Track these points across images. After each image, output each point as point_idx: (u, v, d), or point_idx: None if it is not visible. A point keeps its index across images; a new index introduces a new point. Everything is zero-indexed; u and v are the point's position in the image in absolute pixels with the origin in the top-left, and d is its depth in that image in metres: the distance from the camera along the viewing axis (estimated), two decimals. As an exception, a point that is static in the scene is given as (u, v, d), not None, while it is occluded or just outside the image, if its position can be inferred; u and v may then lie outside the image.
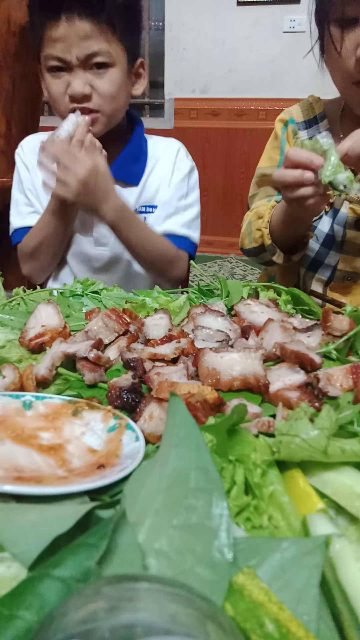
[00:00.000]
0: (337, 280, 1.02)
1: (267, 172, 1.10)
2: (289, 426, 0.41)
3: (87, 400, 0.53)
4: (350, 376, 0.55)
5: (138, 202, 1.13)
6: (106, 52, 0.96)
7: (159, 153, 1.16)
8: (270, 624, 0.27)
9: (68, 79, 0.97)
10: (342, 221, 0.99)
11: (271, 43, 3.37)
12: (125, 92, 1.04)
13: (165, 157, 1.16)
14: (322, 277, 1.03)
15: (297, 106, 1.10)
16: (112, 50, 0.97)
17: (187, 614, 0.23)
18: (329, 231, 1.01)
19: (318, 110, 1.06)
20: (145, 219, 1.13)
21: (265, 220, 0.98)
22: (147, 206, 1.14)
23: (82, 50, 0.94)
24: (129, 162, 1.12)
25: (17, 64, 1.62)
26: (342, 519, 0.38)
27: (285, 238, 0.97)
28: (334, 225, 1.00)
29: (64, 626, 0.22)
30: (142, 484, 0.37)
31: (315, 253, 1.03)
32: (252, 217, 1.05)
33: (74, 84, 0.96)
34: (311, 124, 1.07)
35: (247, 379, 0.54)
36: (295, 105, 1.10)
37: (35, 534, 0.33)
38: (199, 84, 3.57)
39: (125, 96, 1.05)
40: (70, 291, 0.88)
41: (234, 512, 0.37)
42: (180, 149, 1.18)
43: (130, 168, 1.12)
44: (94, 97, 0.98)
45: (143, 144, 1.15)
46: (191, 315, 0.72)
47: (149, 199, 1.14)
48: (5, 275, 0.92)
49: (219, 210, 3.77)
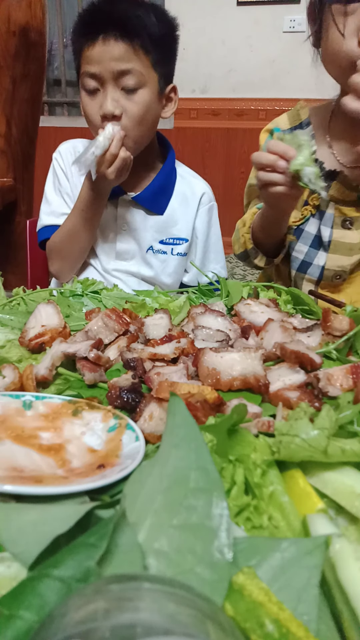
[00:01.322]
0: (326, 279, 1.03)
1: (252, 183, 1.15)
2: (289, 426, 0.41)
3: (87, 400, 0.53)
4: (350, 376, 0.55)
5: (161, 231, 1.17)
6: (138, 72, 0.99)
7: (186, 190, 1.20)
8: (270, 624, 0.27)
9: (99, 100, 1.01)
10: (329, 222, 1.01)
11: (271, 43, 3.36)
12: (154, 115, 1.07)
13: (191, 195, 1.20)
14: (312, 277, 1.05)
15: (285, 115, 1.12)
16: (144, 72, 1.00)
17: (187, 613, 0.23)
18: (317, 232, 1.03)
19: (304, 117, 1.08)
20: (173, 250, 1.18)
21: (247, 226, 1.04)
22: (175, 238, 1.18)
23: (114, 67, 0.97)
24: (158, 193, 1.15)
25: (17, 64, 1.62)
26: (342, 519, 0.38)
27: (266, 240, 1.03)
28: (321, 226, 1.02)
29: (64, 626, 0.22)
30: (142, 484, 0.37)
31: (304, 255, 1.05)
32: (239, 225, 1.10)
33: (106, 102, 0.99)
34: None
35: (247, 379, 0.54)
36: (284, 114, 1.13)
37: (35, 534, 0.32)
38: (199, 84, 3.57)
39: (153, 120, 1.08)
40: (70, 291, 0.88)
41: (234, 512, 0.37)
42: (206, 193, 1.23)
43: (158, 198, 1.16)
44: (123, 119, 1.01)
45: (173, 174, 1.19)
46: (191, 315, 0.72)
47: (172, 231, 1.18)
48: (5, 275, 0.92)
49: (219, 210, 3.75)
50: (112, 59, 0.97)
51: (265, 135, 1.14)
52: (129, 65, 0.98)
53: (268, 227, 1.00)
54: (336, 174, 0.99)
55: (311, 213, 1.03)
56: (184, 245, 1.19)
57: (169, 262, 1.18)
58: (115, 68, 0.97)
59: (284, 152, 0.81)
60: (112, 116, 0.99)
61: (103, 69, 0.98)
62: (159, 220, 1.16)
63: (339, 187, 0.98)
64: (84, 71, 1.00)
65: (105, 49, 0.97)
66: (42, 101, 1.89)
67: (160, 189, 1.15)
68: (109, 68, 0.97)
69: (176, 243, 1.18)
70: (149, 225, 1.15)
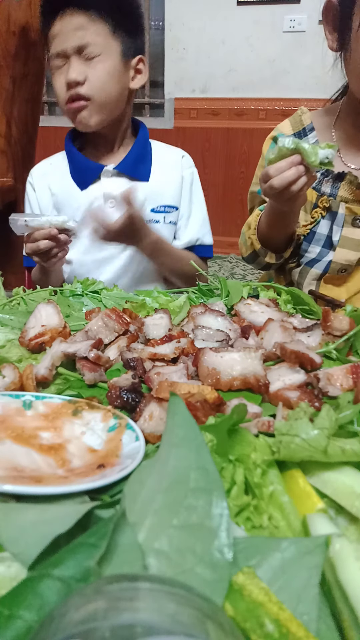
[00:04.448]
0: (331, 272, 1.04)
1: (254, 190, 1.18)
2: (289, 426, 0.41)
3: (87, 400, 0.53)
4: (350, 376, 0.55)
5: (151, 200, 1.17)
6: (99, 44, 1.03)
7: (164, 156, 1.22)
8: (270, 624, 0.27)
9: (64, 73, 1.04)
10: (340, 221, 1.02)
11: (271, 43, 3.36)
12: (119, 84, 1.09)
13: (171, 161, 1.22)
14: (318, 270, 1.06)
15: (288, 120, 1.13)
16: (104, 42, 1.04)
17: (187, 613, 0.23)
18: (328, 233, 1.04)
19: (306, 122, 1.09)
20: (165, 219, 1.19)
21: (252, 228, 1.06)
22: (166, 206, 1.19)
23: (75, 40, 1.02)
24: (138, 160, 1.17)
25: (17, 64, 1.62)
26: (342, 519, 0.38)
27: (277, 237, 1.03)
28: (333, 226, 1.03)
29: (64, 626, 0.22)
30: (142, 483, 0.37)
31: (317, 255, 1.06)
32: (244, 229, 1.11)
33: (69, 71, 1.03)
34: (300, 137, 1.09)
35: (247, 379, 0.54)
36: (286, 120, 1.13)
37: (35, 534, 0.32)
38: (199, 83, 3.57)
39: (119, 88, 1.09)
40: (70, 291, 0.88)
41: (234, 512, 0.37)
42: (185, 156, 1.24)
43: (139, 166, 1.17)
44: (86, 85, 1.04)
45: (148, 145, 1.21)
46: (191, 315, 0.72)
47: (161, 198, 1.19)
48: (5, 275, 0.92)
49: (219, 210, 3.76)
50: (72, 32, 1.01)
51: (269, 142, 1.15)
52: (89, 38, 1.02)
53: (281, 226, 1.00)
54: (344, 175, 1.00)
55: (321, 215, 1.04)
56: (175, 213, 1.20)
57: (162, 232, 1.18)
58: (77, 42, 1.02)
59: (291, 163, 0.81)
60: (75, 83, 1.03)
61: (65, 44, 1.02)
62: (146, 189, 1.16)
63: (347, 187, 1.00)
64: (52, 53, 1.04)
65: (63, 24, 1.01)
66: (42, 101, 1.88)
67: (138, 156, 1.17)
68: (69, 42, 1.02)
69: (167, 211, 1.20)
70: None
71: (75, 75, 1.02)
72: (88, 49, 1.02)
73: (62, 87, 1.06)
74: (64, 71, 1.05)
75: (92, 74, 1.04)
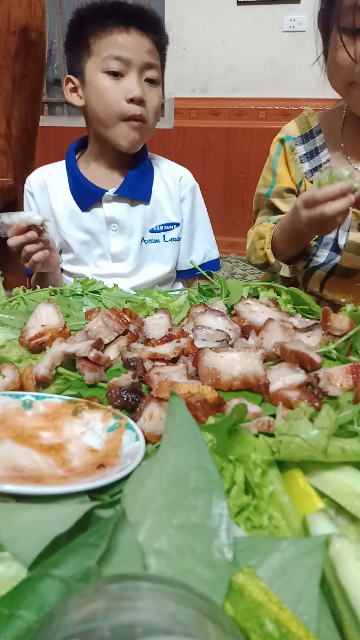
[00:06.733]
0: (336, 275, 1.04)
1: (261, 192, 1.17)
2: (288, 426, 0.41)
3: (87, 400, 0.53)
4: (350, 376, 0.55)
5: (150, 220, 1.17)
6: (158, 68, 1.06)
7: (163, 172, 1.21)
8: (270, 623, 0.27)
9: (125, 85, 1.02)
10: (347, 226, 1.03)
11: (271, 43, 3.36)
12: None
13: (171, 180, 1.20)
14: (323, 272, 1.06)
15: (294, 121, 1.13)
16: (160, 70, 1.08)
17: (187, 613, 0.23)
18: (335, 237, 1.05)
19: (313, 124, 1.09)
20: (165, 237, 1.18)
21: (267, 242, 1.05)
22: (165, 224, 1.19)
23: (145, 58, 1.02)
24: (139, 180, 1.16)
25: (17, 64, 1.62)
26: (342, 519, 0.38)
27: (290, 252, 1.04)
28: (339, 230, 1.03)
29: (64, 626, 0.22)
30: (142, 483, 0.37)
31: (324, 258, 1.06)
32: (254, 237, 1.11)
33: (137, 87, 1.02)
34: (307, 139, 1.09)
35: (247, 379, 0.54)
36: (292, 121, 1.13)
37: (35, 534, 0.32)
38: (199, 83, 3.57)
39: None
40: (70, 291, 0.88)
41: (234, 512, 0.37)
42: (183, 176, 1.22)
43: (140, 185, 1.16)
44: (145, 107, 1.05)
45: (147, 162, 1.20)
46: (191, 315, 0.72)
47: (160, 218, 1.18)
48: (5, 275, 0.92)
49: (219, 210, 3.76)
50: (141, 50, 1.02)
51: (275, 145, 1.15)
52: (154, 60, 1.04)
53: (299, 244, 1.01)
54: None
55: None
56: (177, 229, 1.20)
57: (163, 249, 1.18)
58: (145, 60, 1.02)
59: (340, 190, 0.80)
60: (139, 101, 1.02)
61: (135, 57, 1.01)
62: (146, 209, 1.16)
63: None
64: (110, 54, 1.00)
65: (138, 39, 1.01)
66: (42, 101, 1.88)
67: (139, 175, 1.16)
68: (139, 57, 1.01)
69: (167, 229, 1.19)
70: (137, 216, 1.14)
71: (143, 94, 1.02)
72: (152, 73, 1.04)
73: (118, 96, 1.02)
74: (121, 82, 1.02)
75: (152, 98, 1.05)
